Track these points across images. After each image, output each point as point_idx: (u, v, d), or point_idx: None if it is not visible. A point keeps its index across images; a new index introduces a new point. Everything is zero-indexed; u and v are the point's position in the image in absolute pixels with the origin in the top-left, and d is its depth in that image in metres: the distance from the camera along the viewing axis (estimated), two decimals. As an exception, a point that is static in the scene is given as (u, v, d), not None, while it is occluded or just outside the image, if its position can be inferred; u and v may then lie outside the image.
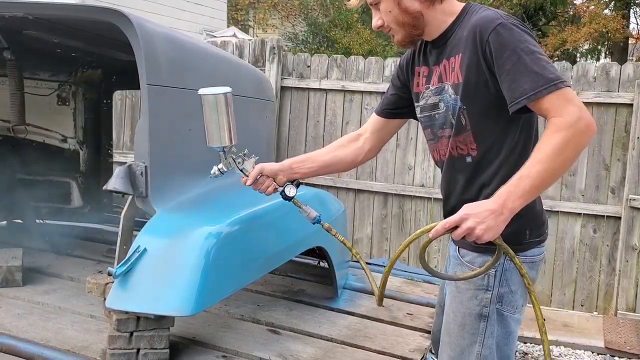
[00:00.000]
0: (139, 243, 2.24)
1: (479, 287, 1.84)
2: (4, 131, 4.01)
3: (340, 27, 17.28)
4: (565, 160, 1.56)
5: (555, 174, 1.58)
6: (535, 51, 1.62)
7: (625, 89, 4.73)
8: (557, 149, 1.54)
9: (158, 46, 2.53)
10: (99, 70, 4.30)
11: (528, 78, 1.59)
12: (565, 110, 1.55)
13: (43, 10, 2.71)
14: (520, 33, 1.64)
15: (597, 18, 13.41)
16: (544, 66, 1.60)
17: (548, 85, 1.57)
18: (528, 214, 1.75)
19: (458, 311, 1.91)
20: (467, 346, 1.88)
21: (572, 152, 1.56)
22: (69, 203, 4.39)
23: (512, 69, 1.61)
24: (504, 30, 1.63)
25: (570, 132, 1.54)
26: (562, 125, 1.55)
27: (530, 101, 1.60)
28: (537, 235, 1.85)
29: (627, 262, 4.74)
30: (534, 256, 1.86)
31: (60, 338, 2.58)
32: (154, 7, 11.09)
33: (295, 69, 5.64)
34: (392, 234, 5.43)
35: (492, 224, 1.56)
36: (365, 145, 2.21)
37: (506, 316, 1.86)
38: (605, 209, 4.82)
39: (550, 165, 1.55)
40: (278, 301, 3.31)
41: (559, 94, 1.57)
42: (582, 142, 1.56)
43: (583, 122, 1.54)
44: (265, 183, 2.11)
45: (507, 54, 1.61)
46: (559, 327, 4.52)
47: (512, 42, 1.62)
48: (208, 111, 2.05)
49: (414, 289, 3.72)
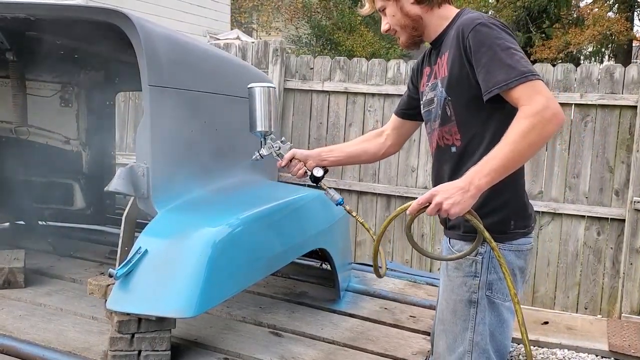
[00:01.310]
0: (140, 244, 2.23)
1: (467, 274, 1.95)
2: (6, 132, 4.01)
3: (344, 29, 17.30)
4: (530, 144, 1.68)
5: (521, 156, 1.70)
6: (510, 47, 1.76)
7: (629, 91, 4.72)
8: (522, 133, 1.67)
9: (160, 47, 2.53)
10: (102, 72, 4.30)
11: (502, 70, 1.73)
12: (534, 100, 1.69)
13: (45, 12, 2.71)
14: (499, 31, 1.79)
15: (600, 20, 13.39)
16: (517, 60, 1.74)
17: (519, 77, 1.71)
18: (513, 205, 1.93)
19: (450, 299, 2.01)
20: (460, 332, 1.98)
21: (537, 137, 1.67)
22: (71, 205, 4.38)
23: (488, 62, 1.76)
24: (483, 28, 1.79)
25: (536, 119, 1.66)
26: (529, 113, 1.68)
27: (502, 90, 1.73)
28: (522, 227, 1.97)
29: (632, 265, 4.71)
30: (520, 245, 1.97)
31: (62, 339, 2.58)
32: (157, 9, 11.11)
33: (298, 70, 5.64)
34: (395, 236, 5.42)
35: (459, 199, 1.69)
36: (387, 141, 2.39)
37: (497, 304, 1.95)
38: (609, 211, 4.80)
39: (516, 147, 1.67)
40: (280, 303, 3.30)
41: (529, 85, 1.70)
42: (548, 129, 1.68)
43: (549, 111, 1.67)
44: (297, 166, 2.33)
45: (484, 49, 1.77)
46: (563, 330, 4.49)
47: (489, 38, 1.77)
48: (255, 101, 2.35)
49: (416, 291, 3.70)
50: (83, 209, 4.41)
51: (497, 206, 1.87)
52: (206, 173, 2.91)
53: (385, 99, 5.36)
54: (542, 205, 4.93)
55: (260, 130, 2.37)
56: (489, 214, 1.87)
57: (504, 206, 1.88)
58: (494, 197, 1.86)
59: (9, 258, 3.28)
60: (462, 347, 2.00)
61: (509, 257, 1.94)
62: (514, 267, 1.97)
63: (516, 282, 1.97)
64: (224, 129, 3.10)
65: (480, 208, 1.81)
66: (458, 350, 2.01)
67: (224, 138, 3.12)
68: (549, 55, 13.25)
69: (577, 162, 4.89)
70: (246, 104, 2.42)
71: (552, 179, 4.97)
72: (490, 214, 1.87)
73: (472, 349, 1.97)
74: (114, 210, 4.53)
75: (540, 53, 13.57)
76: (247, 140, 3.44)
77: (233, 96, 3.20)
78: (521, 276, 2.03)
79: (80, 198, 4.39)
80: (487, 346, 1.97)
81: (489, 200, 1.86)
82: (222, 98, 3.10)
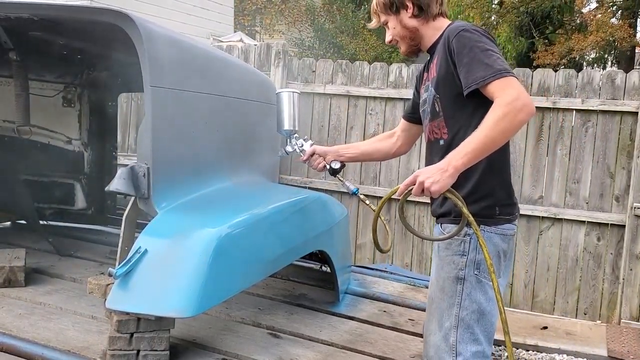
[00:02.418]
0: (140, 244, 2.24)
1: (455, 252, 2.14)
2: (8, 132, 4.03)
3: (347, 33, 17.32)
4: (502, 130, 1.89)
5: (494, 141, 1.91)
6: (488, 49, 1.98)
7: (630, 97, 4.72)
8: (495, 120, 1.88)
9: (162, 48, 2.54)
10: (105, 73, 4.32)
11: (480, 68, 1.95)
12: (506, 92, 1.90)
13: (48, 12, 2.73)
14: (479, 36, 2.02)
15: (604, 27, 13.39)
16: (494, 60, 1.96)
17: (495, 74, 1.93)
18: (498, 194, 2.14)
19: (439, 277, 2.20)
20: (447, 309, 2.15)
21: (508, 124, 1.88)
22: (72, 204, 4.40)
23: (468, 62, 1.99)
24: (465, 33, 2.03)
25: (508, 108, 1.87)
26: (502, 103, 1.89)
27: (479, 86, 1.95)
28: (506, 213, 2.16)
29: (631, 271, 4.71)
30: (505, 230, 2.16)
31: (61, 338, 2.58)
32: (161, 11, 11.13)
33: (300, 73, 5.65)
34: (395, 240, 5.42)
35: (439, 178, 1.90)
36: (397, 141, 2.62)
37: (484, 283, 2.12)
38: (609, 217, 4.80)
39: (489, 133, 1.89)
40: (279, 305, 3.31)
41: (503, 81, 1.92)
42: (518, 117, 1.88)
43: (520, 102, 1.88)
44: (317, 160, 2.60)
45: (466, 50, 2.00)
46: (562, 335, 4.49)
47: (470, 41, 2.01)
48: (282, 104, 2.63)
49: (415, 294, 3.71)
50: (84, 208, 4.43)
51: (485, 194, 2.11)
52: (206, 174, 2.92)
53: (386, 102, 5.38)
54: (542, 210, 4.94)
55: (286, 129, 2.65)
56: (478, 200, 2.09)
57: (491, 194, 2.11)
58: (482, 185, 2.10)
59: (9, 257, 3.29)
60: (448, 322, 2.15)
61: (494, 240, 2.13)
62: (499, 250, 2.15)
63: (500, 263, 2.17)
64: (225, 130, 3.11)
65: (469, 195, 2.06)
66: (445, 325, 2.16)
67: (225, 139, 3.13)
68: (552, 61, 13.26)
69: (578, 167, 4.90)
70: (248, 106, 2.44)
71: (553, 184, 4.97)
72: (479, 200, 2.10)
73: (458, 324, 2.13)
74: (115, 210, 4.54)
75: (543, 58, 13.58)
76: (248, 142, 3.46)
77: (234, 98, 3.21)
78: (505, 259, 2.20)
79: (82, 198, 4.41)
80: (473, 323, 2.12)
81: (478, 188, 2.10)
82: (224, 100, 3.11)
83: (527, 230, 5.03)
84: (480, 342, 2.14)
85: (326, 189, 5.34)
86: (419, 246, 5.36)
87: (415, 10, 2.21)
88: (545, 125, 4.97)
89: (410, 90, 4.37)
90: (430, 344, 2.24)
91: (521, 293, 5.08)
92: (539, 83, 4.96)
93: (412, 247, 5.38)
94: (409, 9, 2.21)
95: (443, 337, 2.16)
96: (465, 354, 2.12)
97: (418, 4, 2.20)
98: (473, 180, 2.09)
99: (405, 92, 5.20)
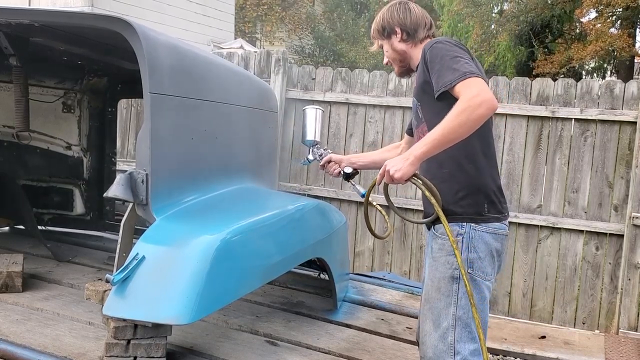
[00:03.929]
0: (138, 250, 2.24)
1: (449, 252, 2.22)
2: (8, 137, 4.03)
3: (347, 40, 17.37)
4: (460, 124, 2.04)
5: (453, 133, 2.06)
6: (457, 56, 2.16)
7: (629, 107, 4.74)
8: (454, 114, 2.05)
9: (162, 55, 2.54)
10: (105, 79, 4.32)
11: (449, 73, 2.13)
12: (468, 90, 2.07)
13: (49, 18, 2.74)
14: (450, 46, 2.21)
15: (603, 36, 13.42)
16: (462, 64, 2.13)
17: (461, 76, 2.10)
18: (485, 192, 2.26)
19: (434, 277, 2.29)
20: (444, 308, 2.24)
21: (466, 118, 2.03)
22: (71, 210, 4.39)
23: (439, 68, 2.17)
24: (438, 44, 2.24)
25: (467, 104, 2.04)
26: (462, 100, 2.06)
27: (447, 88, 2.12)
28: (495, 212, 2.28)
29: (630, 281, 4.71)
30: (496, 229, 2.27)
31: (58, 345, 2.57)
32: (162, 17, 11.17)
33: (300, 81, 5.67)
34: (393, 247, 5.42)
35: (401, 166, 2.11)
36: (402, 152, 2.68)
37: (479, 281, 2.23)
38: (608, 226, 4.81)
39: (448, 125, 2.05)
40: (277, 312, 3.30)
41: (467, 81, 2.09)
42: (477, 112, 2.03)
43: (479, 98, 2.04)
44: (333, 167, 2.86)
45: (437, 59, 2.19)
46: (560, 345, 4.49)
47: (441, 51, 2.20)
48: (307, 119, 2.94)
49: (414, 302, 3.70)
50: (83, 214, 4.42)
51: (472, 191, 2.25)
52: (205, 181, 2.92)
53: (386, 110, 5.39)
54: (541, 220, 4.94)
55: (309, 139, 2.95)
56: (465, 197, 2.25)
57: (478, 192, 2.25)
58: (469, 183, 2.25)
59: (7, 262, 3.28)
60: (446, 322, 2.22)
61: (486, 238, 2.24)
62: (492, 249, 2.26)
63: (494, 263, 2.27)
64: (225, 137, 3.12)
65: (457, 192, 2.24)
66: (442, 325, 2.23)
67: (224, 146, 3.13)
68: (552, 70, 13.29)
69: (577, 176, 4.90)
70: (247, 112, 2.46)
71: (552, 193, 4.98)
72: (466, 197, 2.25)
73: (456, 323, 2.20)
74: (114, 216, 4.53)
75: (542, 67, 13.60)
76: (247, 149, 3.46)
77: (234, 105, 3.21)
78: (497, 259, 2.29)
79: (81, 204, 4.40)
80: (470, 321, 2.19)
81: (465, 185, 2.25)
82: (223, 106, 3.11)
83: (526, 239, 5.03)
84: (477, 340, 2.20)
85: (325, 197, 5.34)
86: (418, 254, 5.36)
87: (403, 35, 2.47)
88: (544, 134, 4.98)
89: (409, 99, 4.39)
90: (428, 345, 2.29)
91: (519, 302, 5.08)
92: (538, 92, 4.97)
93: (411, 255, 5.38)
94: (398, 34, 2.48)
95: (440, 337, 2.23)
96: (463, 353, 2.20)
97: (406, 30, 2.47)
98: (460, 180, 2.25)
99: (404, 100, 5.21)
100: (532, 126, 5.00)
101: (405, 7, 2.50)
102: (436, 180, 2.22)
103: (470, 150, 2.24)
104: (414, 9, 2.50)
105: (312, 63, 15.31)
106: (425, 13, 2.54)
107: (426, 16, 2.51)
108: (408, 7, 2.50)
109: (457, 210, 2.25)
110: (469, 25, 14.83)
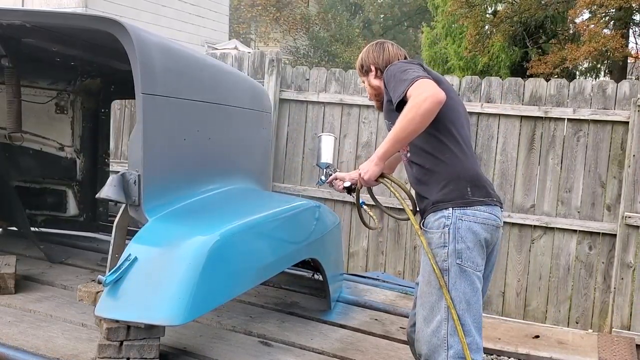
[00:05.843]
0: (130, 251, 2.24)
1: (437, 245, 2.32)
2: (0, 138, 4.01)
3: (342, 41, 17.38)
4: (410, 120, 2.22)
5: (405, 129, 2.25)
6: (406, 69, 2.36)
7: (621, 107, 4.75)
8: (404, 113, 2.24)
9: (154, 56, 2.54)
10: (98, 79, 4.32)
11: (400, 84, 2.32)
12: (414, 92, 2.24)
13: (41, 19, 2.73)
14: (402, 64, 2.44)
15: (597, 37, 13.42)
16: (410, 73, 2.31)
17: (410, 83, 2.27)
18: (464, 175, 2.38)
19: (425, 271, 2.37)
20: (435, 302, 2.29)
21: (414, 114, 2.21)
22: (64, 211, 4.38)
23: (394, 85, 2.37)
24: (390, 67, 2.48)
25: (413, 102, 2.22)
26: (410, 99, 2.24)
27: (401, 97, 2.28)
28: (481, 195, 2.37)
29: (622, 280, 4.73)
30: (485, 219, 2.34)
31: (51, 346, 2.57)
32: (156, 18, 11.16)
33: (293, 81, 5.66)
34: (388, 248, 5.43)
35: (367, 168, 2.40)
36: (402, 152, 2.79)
37: (469, 272, 2.28)
38: (600, 226, 4.82)
39: (400, 124, 2.25)
40: (270, 313, 3.30)
41: (414, 85, 2.25)
42: (423, 107, 2.20)
43: (423, 95, 2.21)
44: (337, 183, 2.92)
45: (391, 78, 2.41)
46: (554, 344, 4.49)
47: (393, 71, 2.43)
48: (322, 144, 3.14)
49: (407, 302, 3.70)
50: (76, 215, 4.41)
51: (452, 178, 2.37)
52: (198, 182, 2.92)
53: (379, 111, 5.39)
54: (534, 219, 4.95)
55: (323, 162, 3.12)
56: (446, 184, 2.36)
57: (458, 178, 2.37)
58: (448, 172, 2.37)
59: (0, 264, 3.27)
60: (438, 315, 2.26)
61: (474, 228, 2.31)
62: (480, 238, 2.31)
63: (482, 253, 2.32)
64: (217, 138, 3.12)
65: (440, 182, 2.37)
66: (435, 319, 2.27)
67: (217, 147, 3.13)
68: (545, 70, 13.28)
69: (570, 176, 4.92)
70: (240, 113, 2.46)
71: (545, 193, 4.99)
72: (447, 184, 2.36)
73: (448, 316, 2.24)
74: (107, 217, 4.53)
75: (536, 68, 13.60)
76: (240, 150, 3.46)
77: (227, 105, 3.21)
78: (487, 249, 2.35)
79: (74, 205, 4.40)
80: (462, 313, 2.24)
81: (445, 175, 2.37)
82: (216, 107, 3.11)
83: (519, 239, 5.04)
84: (471, 334, 2.24)
85: (319, 197, 5.34)
86: (412, 254, 5.37)
87: (378, 72, 2.66)
88: (537, 134, 4.99)
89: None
90: (422, 342, 2.34)
91: (513, 302, 5.09)
92: (531, 92, 4.99)
93: (405, 256, 5.38)
94: (373, 71, 2.68)
95: (433, 331, 2.28)
96: (456, 347, 2.23)
97: (379, 68, 2.65)
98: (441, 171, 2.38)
99: (398, 100, 5.22)
100: (525, 126, 5.01)
101: (380, 46, 2.71)
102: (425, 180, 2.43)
103: (438, 144, 2.39)
104: (388, 47, 2.70)
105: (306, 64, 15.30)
106: (400, 50, 2.72)
107: (400, 53, 2.69)
108: (382, 47, 2.70)
109: (442, 199, 2.36)
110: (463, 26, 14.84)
